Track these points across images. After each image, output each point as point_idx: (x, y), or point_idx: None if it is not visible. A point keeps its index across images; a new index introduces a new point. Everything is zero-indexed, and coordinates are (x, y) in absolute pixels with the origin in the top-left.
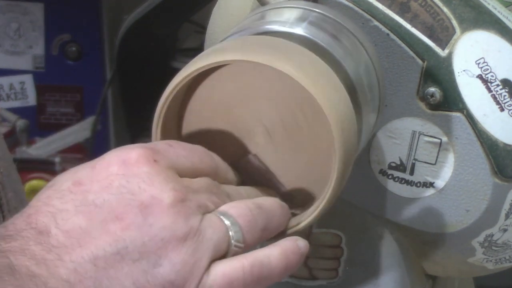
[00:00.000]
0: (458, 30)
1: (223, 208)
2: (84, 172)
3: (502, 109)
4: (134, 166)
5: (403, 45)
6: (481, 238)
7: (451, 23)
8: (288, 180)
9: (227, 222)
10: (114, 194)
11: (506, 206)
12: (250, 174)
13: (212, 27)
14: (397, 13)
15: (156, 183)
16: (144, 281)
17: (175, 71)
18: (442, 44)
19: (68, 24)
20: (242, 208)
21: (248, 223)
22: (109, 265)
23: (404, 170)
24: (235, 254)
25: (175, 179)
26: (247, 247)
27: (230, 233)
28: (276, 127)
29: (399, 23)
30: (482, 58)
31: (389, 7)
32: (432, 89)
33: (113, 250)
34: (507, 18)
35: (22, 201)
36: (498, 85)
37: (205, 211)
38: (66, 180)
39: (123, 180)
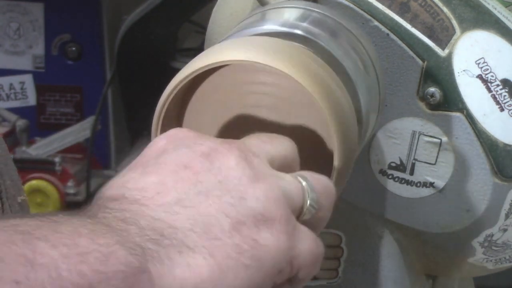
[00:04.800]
0: (458, 30)
1: (300, 172)
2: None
3: (502, 109)
4: (180, 131)
5: (403, 45)
6: (481, 238)
7: (451, 23)
8: None
9: (303, 182)
10: (171, 152)
11: (506, 206)
12: None
13: (212, 27)
14: (397, 13)
15: (204, 138)
16: (236, 214)
17: (175, 71)
18: (442, 44)
19: (68, 24)
20: (317, 177)
21: (323, 188)
22: (197, 204)
23: (404, 170)
24: (311, 215)
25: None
26: (321, 212)
27: (306, 192)
28: (276, 127)
29: (399, 23)
30: (482, 58)
31: (389, 7)
32: (432, 89)
33: (195, 191)
34: (507, 18)
35: (19, 190)
36: (498, 85)
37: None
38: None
39: (174, 143)
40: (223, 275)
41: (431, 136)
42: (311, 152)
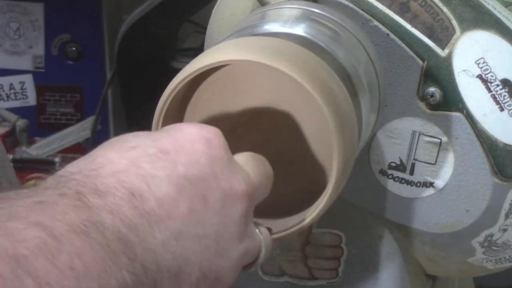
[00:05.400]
0: (458, 30)
1: (258, 228)
2: (167, 141)
3: (502, 109)
4: (217, 148)
5: (403, 45)
6: (481, 238)
7: (451, 23)
8: (288, 179)
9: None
10: (202, 172)
11: (506, 206)
12: None
13: (212, 27)
14: (397, 13)
15: (233, 172)
16: (209, 269)
17: (175, 71)
18: (442, 44)
19: (68, 24)
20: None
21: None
22: (187, 245)
23: (404, 170)
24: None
25: (243, 170)
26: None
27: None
28: (276, 127)
29: (399, 23)
30: (482, 58)
31: (389, 7)
32: (432, 89)
33: (194, 230)
34: (507, 18)
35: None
36: (498, 85)
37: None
38: (150, 145)
39: (209, 160)
40: None
41: (431, 136)
42: (311, 151)
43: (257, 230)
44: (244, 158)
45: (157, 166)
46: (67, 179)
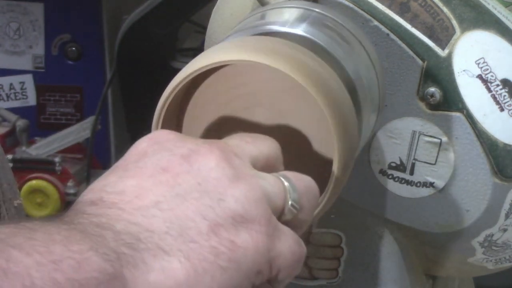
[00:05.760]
0: (458, 30)
1: (283, 172)
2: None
3: (502, 109)
4: (161, 136)
5: (403, 45)
6: (481, 238)
7: (451, 23)
8: None
9: (285, 182)
10: (152, 156)
11: (506, 206)
12: None
13: (212, 27)
14: (397, 13)
15: (185, 140)
16: (214, 215)
17: (175, 71)
18: (442, 44)
19: (68, 24)
20: (300, 177)
21: (306, 189)
22: (174, 207)
23: (404, 170)
24: (292, 215)
25: (199, 139)
26: (302, 213)
27: (288, 192)
28: (276, 127)
29: (399, 23)
30: (482, 58)
31: (389, 7)
32: (432, 89)
33: (172, 194)
34: (507, 18)
35: (15, 193)
36: (498, 85)
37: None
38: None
39: (155, 146)
40: (199, 278)
41: (431, 136)
42: (310, 151)
43: (279, 177)
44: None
45: (107, 177)
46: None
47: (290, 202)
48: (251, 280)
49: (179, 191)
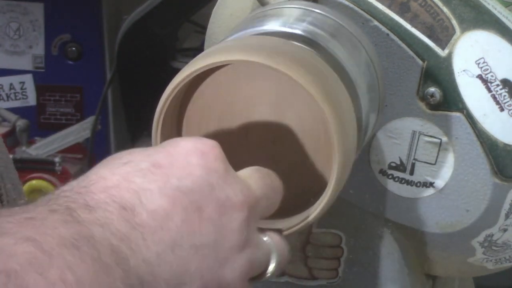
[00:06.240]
0: (458, 30)
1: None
2: (161, 156)
3: (502, 109)
4: (212, 160)
5: (403, 45)
6: (481, 238)
7: (451, 23)
8: (289, 179)
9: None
10: (196, 183)
11: (506, 206)
12: None
13: (212, 27)
14: (397, 13)
15: (229, 182)
16: (211, 279)
17: (175, 71)
18: (442, 44)
19: (68, 24)
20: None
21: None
22: (184, 255)
23: (404, 170)
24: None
25: (242, 181)
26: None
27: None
28: (276, 127)
29: (399, 23)
30: (482, 58)
31: (389, 7)
32: (432, 89)
33: (190, 241)
34: (507, 18)
35: (20, 193)
36: (498, 85)
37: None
38: (142, 160)
39: (203, 172)
40: None
41: (431, 136)
42: (310, 151)
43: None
44: (248, 172)
45: (149, 180)
46: (58, 196)
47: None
48: None
49: (196, 242)
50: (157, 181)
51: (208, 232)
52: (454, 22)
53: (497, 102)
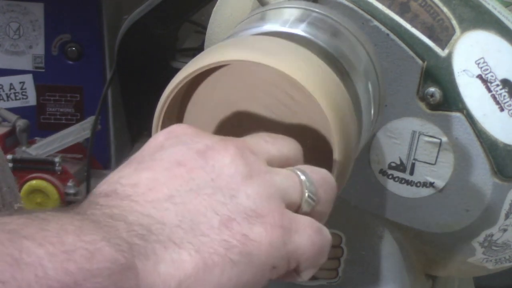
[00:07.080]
0: (458, 30)
1: (299, 166)
2: (137, 155)
3: (502, 109)
4: (179, 129)
5: (403, 45)
6: (481, 238)
7: (451, 23)
8: None
9: (301, 175)
10: (168, 149)
11: (506, 206)
12: None
13: (212, 27)
14: (397, 13)
15: (203, 135)
16: (226, 211)
17: (175, 71)
18: (442, 44)
19: (68, 24)
20: (317, 170)
21: (322, 181)
22: (187, 201)
23: (404, 170)
24: (309, 208)
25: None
26: (320, 205)
27: (304, 185)
28: (276, 128)
29: (399, 23)
30: (482, 58)
31: (389, 7)
32: (432, 89)
33: (186, 188)
34: (507, 18)
35: (16, 196)
36: (498, 85)
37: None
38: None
39: (172, 140)
40: (209, 271)
41: (431, 136)
42: (310, 151)
43: (295, 171)
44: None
45: (123, 169)
46: None
47: (306, 194)
48: (265, 275)
49: (192, 186)
50: (130, 166)
51: (200, 175)
52: (454, 22)
53: (497, 102)
